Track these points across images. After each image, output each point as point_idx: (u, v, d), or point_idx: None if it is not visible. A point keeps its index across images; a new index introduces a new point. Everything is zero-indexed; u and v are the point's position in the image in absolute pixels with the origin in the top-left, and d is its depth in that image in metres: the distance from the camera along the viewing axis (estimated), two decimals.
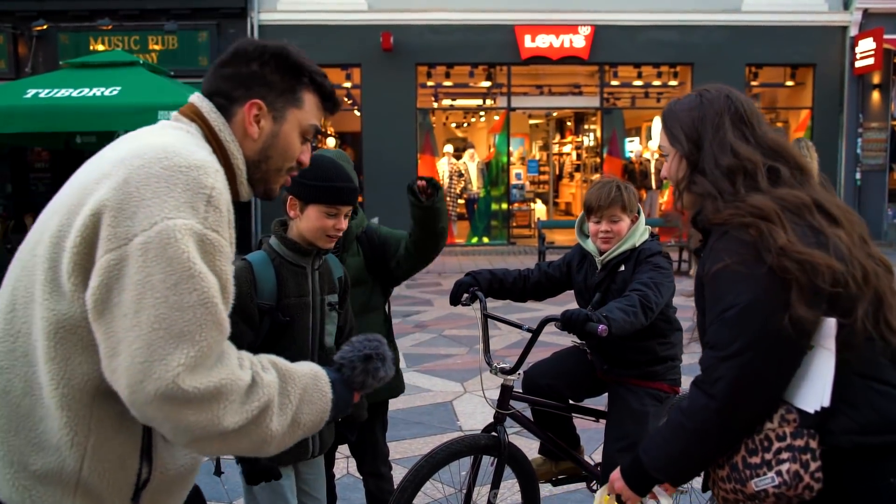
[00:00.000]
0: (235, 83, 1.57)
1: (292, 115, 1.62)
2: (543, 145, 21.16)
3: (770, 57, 15.53)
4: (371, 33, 14.83)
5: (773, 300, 1.64)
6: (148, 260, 1.28)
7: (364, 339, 1.66)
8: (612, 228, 3.07)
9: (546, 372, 3.25)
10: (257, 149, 1.60)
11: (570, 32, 15.15)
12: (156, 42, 14.76)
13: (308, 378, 1.52)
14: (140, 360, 1.26)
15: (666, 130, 1.96)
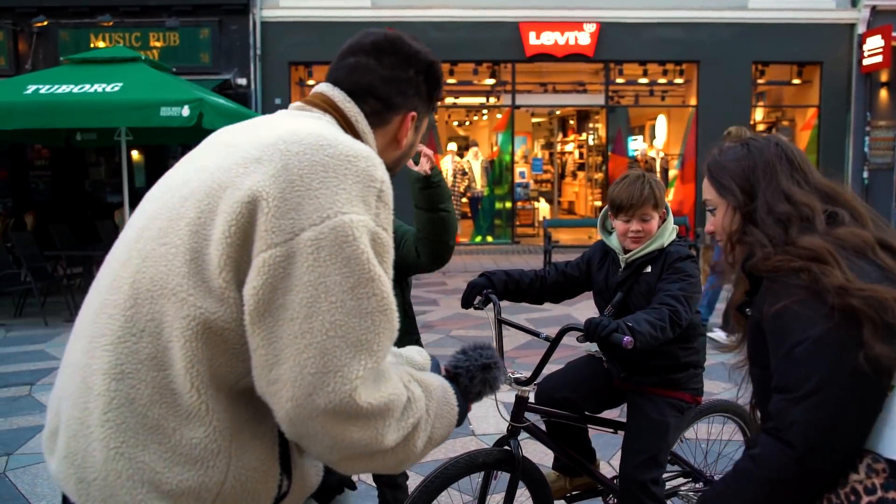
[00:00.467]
0: (395, 88, 1.50)
1: (423, 124, 1.60)
2: (546, 144, 21.04)
3: (777, 55, 15.39)
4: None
5: (846, 334, 1.51)
6: (321, 258, 1.17)
7: (477, 348, 1.58)
8: (643, 228, 2.91)
9: (562, 384, 3.09)
10: (396, 157, 1.56)
11: (575, 30, 15.02)
12: (157, 39, 14.63)
13: (440, 391, 1.43)
14: (312, 370, 1.15)
15: (713, 182, 1.88)
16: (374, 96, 1.48)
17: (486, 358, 1.55)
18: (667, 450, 2.92)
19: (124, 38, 14.49)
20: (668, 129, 17.12)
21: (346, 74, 1.50)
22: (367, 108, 1.48)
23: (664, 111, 17.10)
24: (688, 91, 16.16)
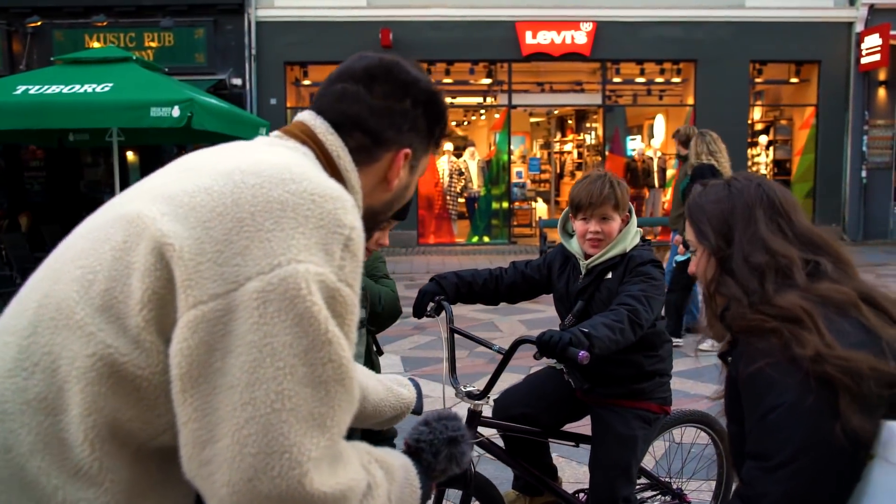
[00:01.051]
0: (386, 121, 1.30)
1: (422, 163, 1.41)
2: (544, 143, 20.95)
3: (774, 53, 15.31)
4: (370, 30, 14.63)
5: (822, 403, 1.41)
6: (267, 315, 0.98)
7: (441, 419, 1.41)
8: (602, 229, 2.77)
9: (520, 399, 2.95)
10: (387, 199, 1.37)
11: (571, 29, 14.95)
12: (152, 39, 14.58)
13: (402, 472, 1.27)
14: (253, 449, 0.97)
15: (693, 225, 1.78)
16: (362, 129, 1.29)
17: (452, 430, 1.38)
18: (636, 464, 2.81)
19: (119, 38, 14.44)
20: (666, 129, 17.04)
21: (331, 103, 1.31)
22: (353, 143, 1.28)
23: (662, 110, 17.01)
24: (685, 90, 16.08)
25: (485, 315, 8.79)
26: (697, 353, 6.87)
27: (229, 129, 9.62)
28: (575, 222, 2.86)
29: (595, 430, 2.86)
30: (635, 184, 16.17)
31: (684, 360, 6.74)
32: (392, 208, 1.40)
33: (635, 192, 16.40)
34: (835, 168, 15.67)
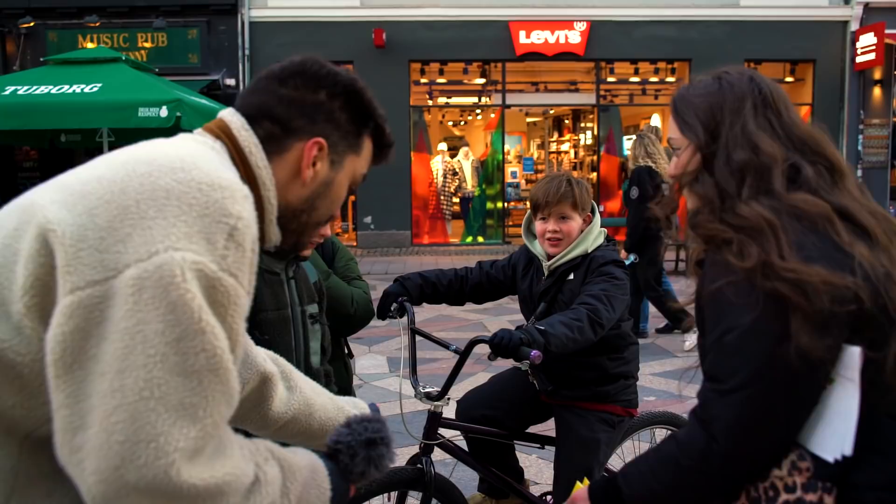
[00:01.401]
0: (297, 110, 1.28)
1: (350, 161, 1.36)
2: (541, 143, 20.94)
3: (769, 52, 15.27)
4: (363, 29, 14.62)
5: (776, 324, 1.35)
6: (141, 301, 0.97)
7: (363, 420, 1.39)
8: (560, 228, 2.74)
9: (481, 401, 2.92)
10: (305, 196, 1.32)
11: (565, 28, 14.92)
12: (145, 39, 14.57)
13: (308, 471, 1.24)
14: (120, 437, 0.95)
15: (677, 119, 1.64)
16: (270, 118, 1.27)
17: (372, 432, 1.36)
18: (600, 467, 2.78)
19: (112, 38, 14.42)
20: (662, 129, 17.00)
21: (244, 97, 1.32)
22: (262, 132, 1.26)
23: (657, 110, 16.98)
24: None
25: (475, 315, 8.76)
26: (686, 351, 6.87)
27: None
28: (535, 222, 2.83)
29: (558, 432, 2.83)
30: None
31: (672, 360, 6.72)
32: (316, 207, 1.34)
33: None
34: None
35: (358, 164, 1.38)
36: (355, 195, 15.59)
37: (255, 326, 1.99)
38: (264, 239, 1.28)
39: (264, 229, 1.27)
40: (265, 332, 2.00)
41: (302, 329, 2.12)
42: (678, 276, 11.58)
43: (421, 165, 15.64)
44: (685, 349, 7.03)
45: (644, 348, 6.95)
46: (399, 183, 15.11)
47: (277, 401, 1.52)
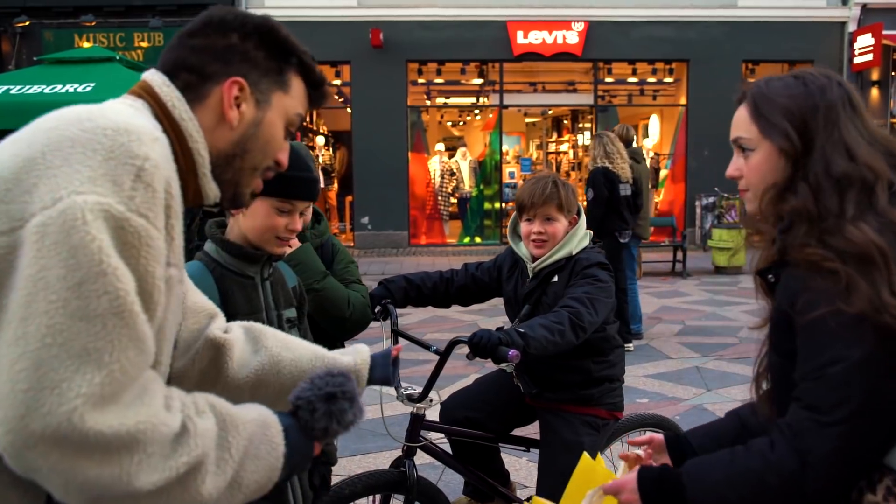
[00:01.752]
0: (209, 56, 1.26)
1: (278, 100, 1.32)
2: (540, 143, 20.91)
3: (767, 53, 15.24)
4: (361, 29, 14.59)
5: (889, 360, 1.30)
6: (45, 248, 0.96)
7: (326, 375, 1.33)
8: (545, 230, 2.72)
9: (464, 403, 2.90)
10: (234, 139, 1.28)
11: (563, 28, 14.88)
12: (141, 39, 14.54)
13: (255, 425, 1.20)
14: (24, 385, 0.93)
15: (759, 118, 1.51)
16: (185, 68, 1.26)
17: (333, 386, 1.30)
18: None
19: (109, 38, 14.39)
20: (660, 129, 16.99)
21: (163, 56, 1.30)
22: (179, 84, 1.25)
23: (655, 111, 16.96)
24: (678, 90, 16.01)
25: (469, 317, 8.72)
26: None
27: None
28: (521, 224, 2.81)
29: (542, 435, 2.81)
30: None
31: (666, 361, 6.68)
32: (248, 150, 1.30)
33: None
34: None
35: (288, 103, 1.34)
36: (352, 195, 15.57)
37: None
38: (201, 196, 1.26)
39: (199, 184, 1.25)
40: None
41: None
42: (675, 278, 11.56)
43: (418, 166, 15.60)
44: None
45: (638, 350, 6.95)
46: (396, 183, 15.07)
47: (236, 365, 1.51)
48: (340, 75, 15.47)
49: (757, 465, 1.42)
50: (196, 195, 1.25)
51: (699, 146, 15.39)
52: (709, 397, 5.57)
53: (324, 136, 17.85)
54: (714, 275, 11.86)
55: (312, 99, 1.40)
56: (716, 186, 14.90)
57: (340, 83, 15.77)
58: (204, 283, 1.95)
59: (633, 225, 7.09)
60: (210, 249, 2.04)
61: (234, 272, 2.02)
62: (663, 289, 10.63)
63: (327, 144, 17.95)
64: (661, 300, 9.67)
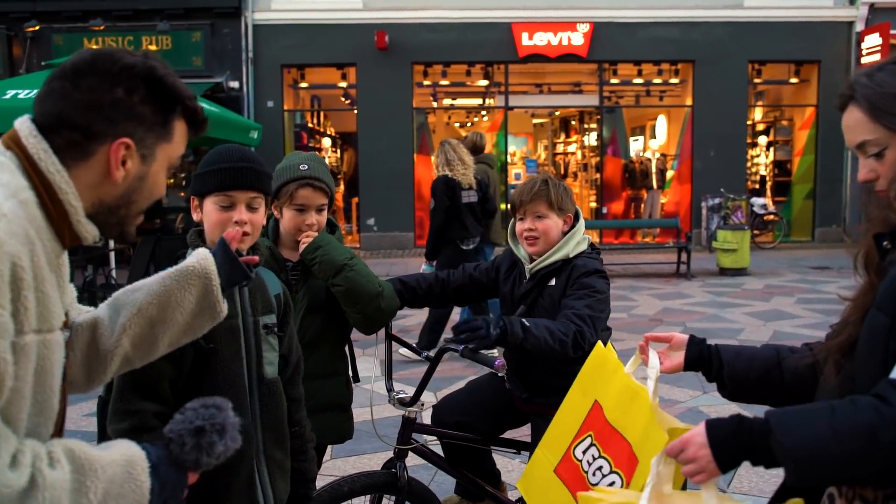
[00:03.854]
0: (94, 114, 1.25)
1: (163, 151, 1.35)
2: (547, 145, 20.91)
3: (773, 53, 15.22)
4: (366, 32, 14.66)
5: None
6: None
7: (200, 406, 1.38)
8: (536, 226, 2.75)
9: (455, 407, 2.94)
10: (119, 193, 1.31)
11: (568, 30, 14.91)
12: (149, 42, 14.63)
13: (118, 467, 1.25)
14: None
15: (880, 116, 1.49)
16: (68, 126, 1.25)
17: (203, 419, 1.36)
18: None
19: (117, 41, 14.49)
20: (667, 130, 16.97)
21: (37, 104, 1.29)
22: (61, 141, 1.25)
23: (663, 111, 16.95)
24: (683, 91, 16.00)
25: None
26: None
27: (219, 132, 9.64)
28: (516, 224, 2.86)
29: (533, 438, 2.83)
30: (633, 185, 16.12)
31: None
32: (133, 201, 1.34)
33: (633, 194, 16.36)
34: (835, 169, 15.55)
35: (172, 150, 1.37)
36: (359, 197, 15.64)
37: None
38: (78, 238, 1.28)
39: (74, 230, 1.27)
40: (210, 341, 1.97)
41: (254, 339, 2.08)
42: (679, 279, 11.56)
43: (424, 167, 15.64)
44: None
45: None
46: (402, 185, 15.13)
47: (107, 332, 1.52)
48: (346, 77, 15.56)
49: (869, 419, 1.37)
50: (73, 238, 1.28)
51: (705, 147, 15.38)
52: (705, 399, 5.58)
53: (330, 137, 17.94)
54: (718, 276, 11.83)
55: (192, 133, 1.43)
56: (721, 187, 14.92)
57: (346, 85, 15.86)
58: None
59: (477, 232, 6.96)
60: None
61: None
62: (666, 290, 10.63)
63: (334, 146, 18.06)
64: (664, 302, 9.68)
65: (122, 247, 11.11)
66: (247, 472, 2.03)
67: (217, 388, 1.98)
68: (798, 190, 16.34)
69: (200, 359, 2.00)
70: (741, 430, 1.46)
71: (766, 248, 15.02)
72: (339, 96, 17.11)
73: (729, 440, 1.46)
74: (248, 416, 2.04)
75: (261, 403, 2.08)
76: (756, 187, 16.85)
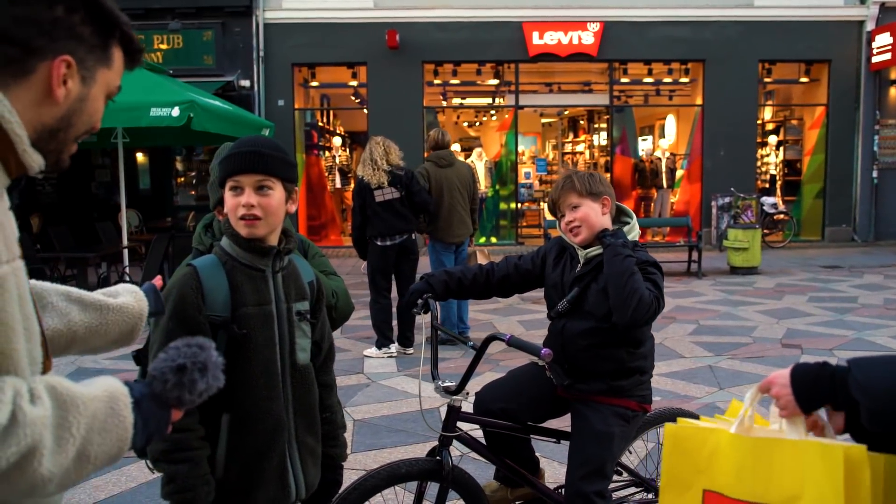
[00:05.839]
0: (34, 30, 1.24)
1: (102, 75, 1.33)
2: (556, 144, 20.93)
3: (784, 53, 15.22)
4: (377, 31, 14.69)
5: None
6: None
7: (183, 345, 1.40)
8: (574, 217, 2.83)
9: (499, 395, 2.97)
10: (59, 115, 1.29)
11: (578, 29, 14.92)
12: (161, 41, 14.71)
13: (100, 402, 1.26)
14: None
15: None
16: (7, 41, 1.23)
17: (185, 357, 1.38)
18: (612, 461, 2.81)
19: None
20: (676, 129, 16.97)
21: None
22: (4, 57, 1.23)
23: (673, 111, 16.95)
24: (694, 90, 16.00)
25: (484, 315, 8.78)
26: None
27: (231, 130, 9.68)
28: (558, 223, 2.93)
29: (574, 425, 2.87)
30: (643, 184, 16.12)
31: (679, 360, 6.71)
32: (73, 124, 1.33)
33: (643, 193, 16.36)
34: (845, 168, 15.54)
35: (111, 77, 1.37)
36: None
37: (235, 320, 2.02)
38: (24, 167, 1.28)
39: (20, 159, 1.26)
40: (243, 327, 2.02)
41: (287, 325, 2.12)
42: (690, 278, 11.56)
43: None
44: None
45: None
46: None
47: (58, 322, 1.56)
48: (357, 76, 15.58)
49: None
50: (19, 167, 1.27)
51: (715, 146, 15.37)
52: (721, 396, 5.60)
53: (340, 136, 17.96)
54: (729, 275, 11.83)
55: (129, 65, 1.42)
56: (732, 186, 14.91)
57: (357, 84, 15.89)
58: (215, 276, 2.05)
59: (398, 230, 6.91)
60: (225, 245, 2.10)
61: (245, 265, 2.08)
62: (678, 289, 10.64)
63: (344, 145, 18.08)
64: (676, 300, 9.69)
65: (135, 245, 11.17)
66: (279, 457, 2.06)
67: (250, 373, 2.02)
68: (808, 189, 16.33)
69: (234, 345, 2.02)
70: (823, 372, 1.55)
71: (777, 247, 15.01)
72: (349, 95, 17.14)
73: (809, 380, 1.56)
74: (280, 402, 2.07)
75: (293, 389, 2.11)
76: (766, 186, 16.85)
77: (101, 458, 1.25)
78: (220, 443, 2.03)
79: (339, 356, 7.00)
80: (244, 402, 2.02)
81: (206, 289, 2.02)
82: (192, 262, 2.09)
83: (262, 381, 2.04)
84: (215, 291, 2.03)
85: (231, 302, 2.03)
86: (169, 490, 1.97)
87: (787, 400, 1.59)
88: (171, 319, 1.97)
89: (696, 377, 6.17)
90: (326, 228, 16.85)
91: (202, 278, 2.03)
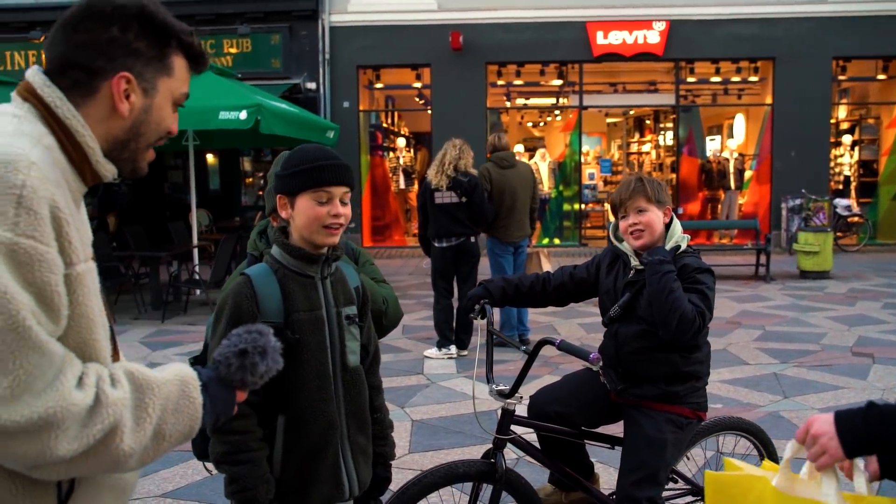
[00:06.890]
0: (94, 52, 1.34)
1: (164, 85, 1.43)
2: (621, 144, 20.69)
3: (859, 49, 14.72)
4: (441, 33, 14.77)
5: None
6: None
7: (244, 332, 1.52)
8: (640, 220, 2.84)
9: (554, 398, 3.00)
10: (127, 126, 1.40)
11: (643, 28, 14.73)
12: (231, 45, 15.07)
13: (172, 385, 1.38)
14: None
15: None
16: (71, 66, 1.34)
17: (246, 342, 1.49)
18: (666, 468, 2.80)
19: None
20: (746, 129, 16.60)
21: (47, 52, 1.38)
22: (68, 82, 1.35)
23: (742, 110, 16.58)
24: (763, 89, 15.62)
25: (545, 318, 8.76)
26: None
27: (297, 132, 9.89)
28: (619, 223, 2.94)
29: (626, 430, 2.88)
30: (710, 186, 15.82)
31: (743, 367, 6.58)
32: (141, 133, 1.42)
33: (710, 194, 16.05)
34: None
35: (174, 85, 1.44)
36: None
37: (288, 326, 2.10)
38: (98, 176, 1.37)
39: (94, 170, 1.36)
40: (296, 332, 2.10)
41: (338, 329, 2.19)
42: (758, 282, 11.29)
43: None
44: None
45: (716, 354, 6.84)
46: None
47: None
48: (421, 78, 15.70)
49: None
50: (94, 176, 1.37)
51: (785, 147, 14.98)
52: (785, 405, 5.46)
53: (405, 137, 18.12)
54: (799, 279, 11.52)
55: (194, 70, 1.51)
56: (803, 188, 14.51)
57: (421, 86, 16.00)
58: (268, 284, 2.13)
59: (454, 232, 6.97)
60: (275, 253, 2.19)
61: (295, 272, 2.16)
62: (744, 293, 10.41)
63: (408, 146, 18.23)
64: (742, 304, 9.49)
65: (205, 244, 11.48)
66: (332, 457, 2.13)
67: (304, 377, 2.10)
68: (885, 191, 15.77)
69: (287, 349, 2.08)
70: (871, 412, 1.48)
71: (850, 250, 14.54)
72: (413, 96, 17.27)
73: (860, 424, 1.47)
74: (332, 404, 2.14)
75: (344, 391, 2.18)
76: (840, 188, 16.32)
77: (176, 437, 1.37)
78: (277, 444, 2.10)
79: (400, 356, 7.12)
80: (298, 404, 2.09)
81: (260, 297, 2.10)
82: (246, 272, 2.18)
83: (315, 383, 2.11)
84: (268, 299, 2.11)
85: (283, 308, 2.12)
86: (232, 490, 2.05)
87: (833, 445, 1.49)
88: (228, 328, 2.05)
89: (759, 385, 6.04)
90: (391, 229, 17.02)
91: (256, 286, 2.11)
